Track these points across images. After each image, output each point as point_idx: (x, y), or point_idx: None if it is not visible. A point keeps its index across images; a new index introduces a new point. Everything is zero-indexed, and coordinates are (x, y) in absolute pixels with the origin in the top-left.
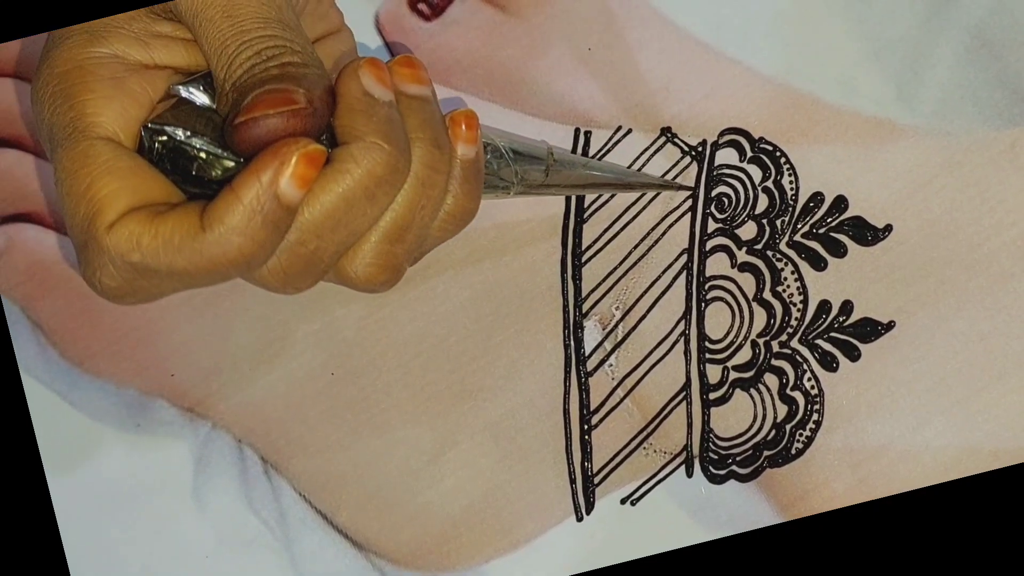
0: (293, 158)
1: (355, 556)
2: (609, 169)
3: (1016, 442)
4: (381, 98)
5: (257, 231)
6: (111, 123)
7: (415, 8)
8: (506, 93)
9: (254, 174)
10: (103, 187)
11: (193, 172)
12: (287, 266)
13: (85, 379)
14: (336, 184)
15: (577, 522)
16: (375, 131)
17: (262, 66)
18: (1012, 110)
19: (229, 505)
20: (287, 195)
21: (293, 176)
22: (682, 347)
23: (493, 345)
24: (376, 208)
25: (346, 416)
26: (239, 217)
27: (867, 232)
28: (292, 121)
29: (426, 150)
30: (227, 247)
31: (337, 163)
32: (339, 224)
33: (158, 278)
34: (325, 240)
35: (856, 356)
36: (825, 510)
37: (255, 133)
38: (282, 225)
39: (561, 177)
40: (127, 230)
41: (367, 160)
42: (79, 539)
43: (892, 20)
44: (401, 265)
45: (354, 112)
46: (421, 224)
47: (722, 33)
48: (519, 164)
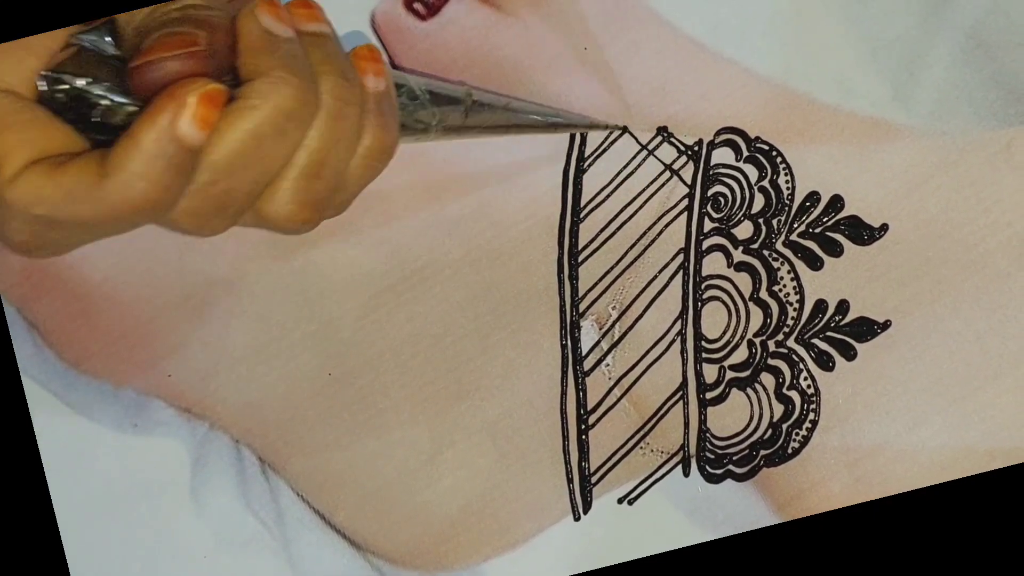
0: (191, 98)
1: (353, 556)
2: (532, 110)
3: (1012, 442)
4: (282, 35)
5: (160, 175)
6: (7, 75)
7: (411, 8)
8: (502, 92)
9: (152, 117)
10: (2, 142)
11: (97, 120)
12: (199, 207)
13: (82, 380)
14: (244, 120)
15: (574, 521)
16: (279, 65)
17: (163, 10)
18: (1007, 110)
19: (227, 505)
20: (188, 136)
21: (193, 117)
22: (679, 347)
23: (490, 345)
24: (288, 144)
25: (343, 416)
26: (139, 162)
27: (863, 231)
28: (189, 62)
29: (334, 82)
30: (130, 193)
31: (243, 100)
32: (250, 162)
33: (66, 229)
34: (237, 179)
35: (852, 355)
36: (821, 510)
37: (152, 76)
38: (186, 167)
39: (481, 118)
40: (28, 183)
41: (274, 94)
42: (77, 539)
43: (888, 21)
44: (321, 203)
45: (256, 50)
46: (338, 159)
47: (719, 33)
48: (436, 106)
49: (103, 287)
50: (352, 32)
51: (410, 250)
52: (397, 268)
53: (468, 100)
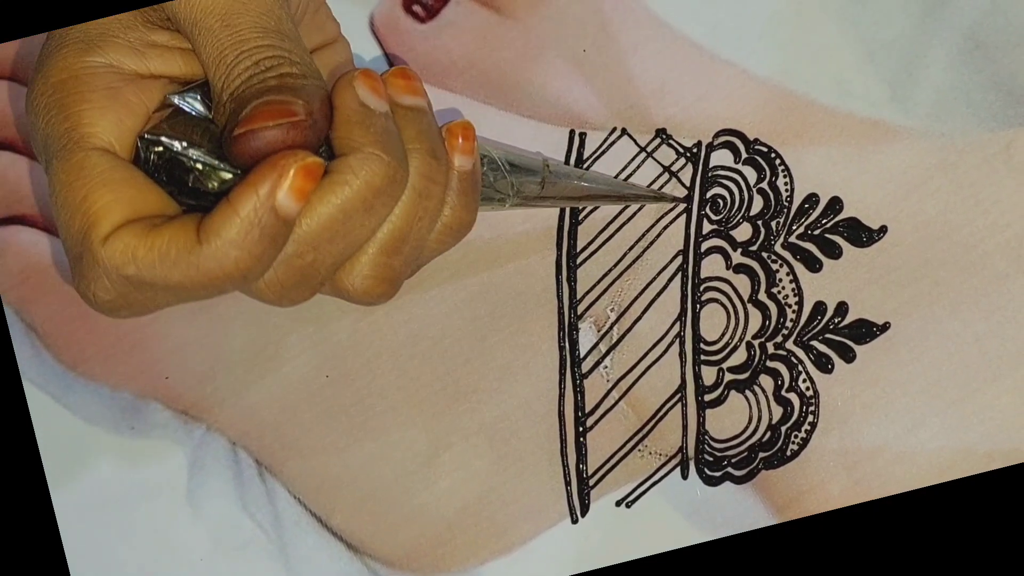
0: (291, 170)
1: (350, 559)
2: (603, 181)
3: (1011, 443)
4: (377, 109)
5: (254, 244)
6: (106, 134)
7: (410, 10)
8: (501, 95)
9: (251, 186)
10: (98, 199)
11: (189, 184)
12: (283, 279)
13: (80, 382)
14: (334, 196)
15: (572, 524)
16: (372, 142)
17: (260, 76)
18: (1006, 111)
19: (223, 508)
20: (285, 208)
21: (291, 189)
22: (677, 349)
23: (488, 347)
24: (374, 219)
25: (341, 419)
26: (236, 230)
27: (862, 233)
28: (291, 133)
29: (423, 161)
30: (224, 261)
31: (335, 174)
32: (336, 236)
33: (153, 291)
34: (322, 252)
35: (851, 357)
36: (820, 511)
37: (254, 145)
38: (279, 238)
39: (556, 189)
40: (122, 243)
41: (365, 171)
42: (76, 541)
43: (886, 22)
44: (398, 277)
45: (351, 123)
46: (418, 236)
47: (717, 35)
48: (515, 176)
49: None
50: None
51: None
52: None
53: (545, 171)
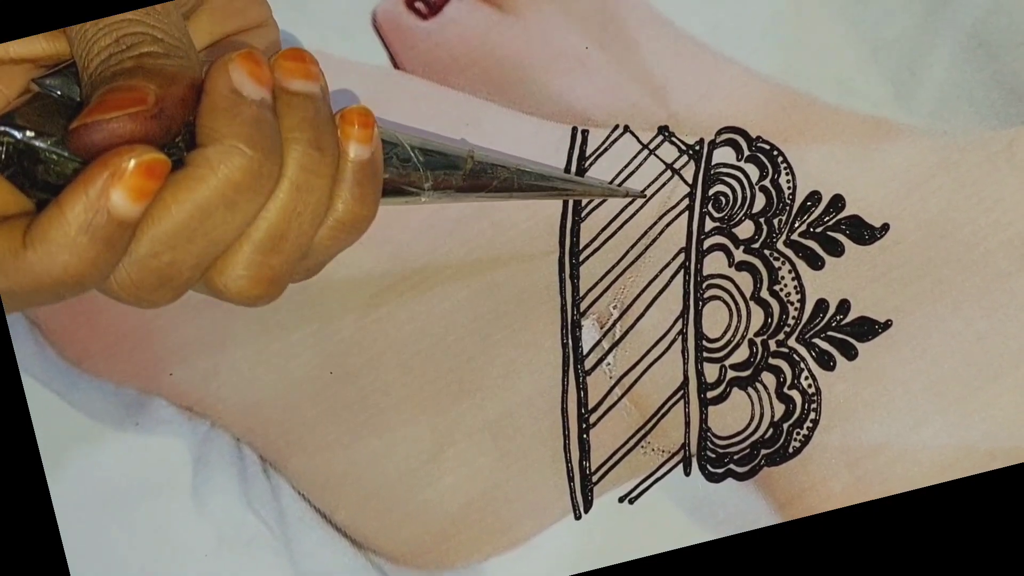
0: (128, 167)
1: (354, 555)
2: (546, 174)
3: (1012, 441)
4: (250, 95)
5: (84, 248)
6: None
7: (412, 7)
8: (503, 92)
9: (81, 186)
10: None
11: (39, 176)
12: (138, 280)
13: (84, 378)
14: (189, 192)
15: (575, 520)
16: (236, 133)
17: (118, 57)
18: (1008, 110)
19: (228, 504)
20: (120, 209)
21: (127, 188)
22: (680, 346)
23: (491, 344)
24: (239, 216)
25: (344, 415)
26: (64, 233)
27: (864, 231)
28: (129, 125)
29: (303, 152)
30: (50, 266)
31: (191, 168)
32: (195, 234)
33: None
34: (181, 252)
35: (853, 355)
36: (822, 509)
37: (91, 139)
38: (116, 241)
39: (483, 182)
40: None
41: (224, 166)
42: (78, 538)
43: (889, 20)
44: (279, 277)
45: (216, 111)
46: (299, 232)
47: (720, 33)
48: (431, 168)
49: None
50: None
51: (411, 249)
52: (398, 267)
53: (469, 161)
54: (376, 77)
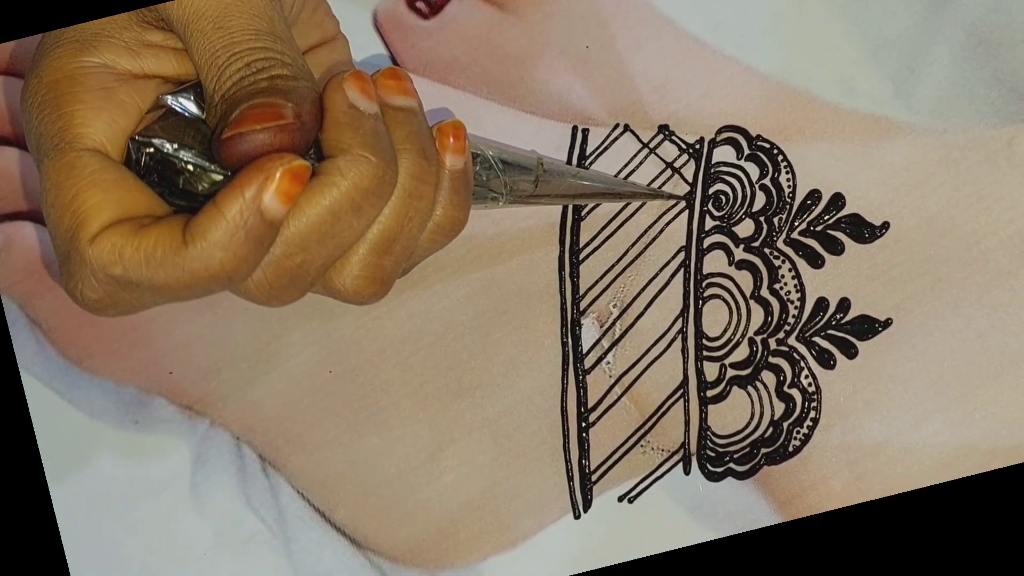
0: (277, 173)
1: (353, 553)
2: (598, 179)
3: (1013, 440)
4: (366, 110)
5: (240, 246)
6: (98, 134)
7: (413, 6)
8: (504, 91)
9: (238, 189)
10: (87, 199)
11: (180, 185)
12: (273, 279)
13: (84, 377)
14: (323, 197)
15: (575, 519)
16: (361, 143)
17: (251, 79)
18: (1009, 108)
19: (227, 503)
20: (271, 210)
21: (277, 191)
22: (679, 345)
23: (491, 343)
24: (363, 221)
25: (344, 414)
26: (222, 232)
27: (864, 230)
28: (279, 136)
29: (413, 161)
30: (209, 262)
31: (324, 176)
32: (325, 237)
33: (139, 291)
34: (311, 253)
35: (853, 353)
36: (822, 508)
37: (242, 148)
38: (265, 240)
39: (550, 187)
40: (110, 243)
41: (354, 172)
42: (78, 537)
43: (889, 18)
44: (389, 277)
45: (340, 125)
46: (409, 236)
47: (720, 31)
48: (508, 175)
49: None
50: (353, 29)
51: None
52: None
53: (539, 169)
54: None
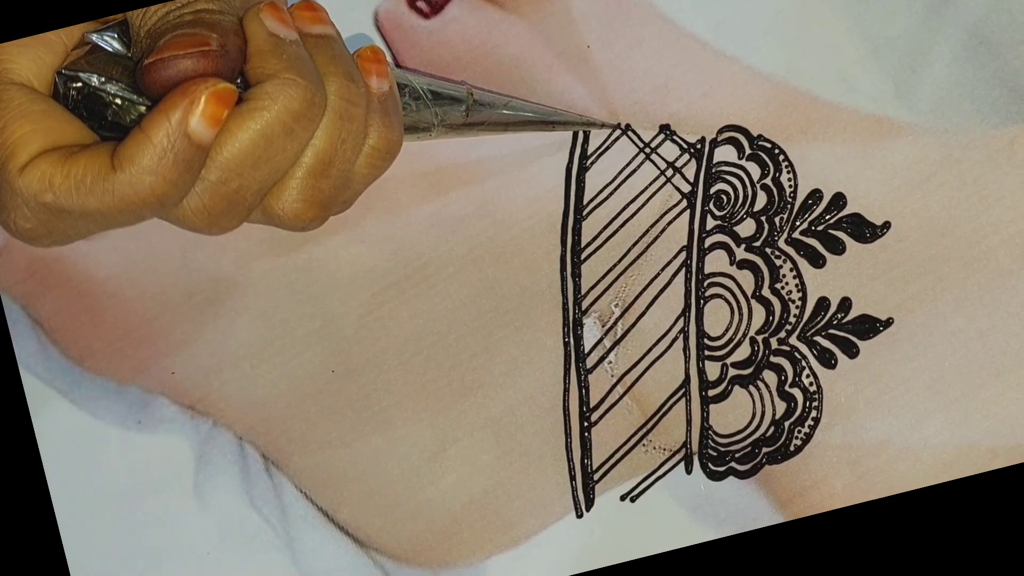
0: (203, 97)
1: (356, 553)
2: (530, 108)
3: (1014, 439)
4: (286, 37)
5: (168, 170)
6: (24, 70)
7: (414, 6)
8: (505, 91)
9: (163, 113)
10: (16, 130)
11: (108, 118)
12: (210, 205)
13: (86, 377)
14: (253, 121)
15: (577, 519)
16: (287, 68)
17: (176, 13)
18: (1010, 108)
19: (230, 502)
20: (198, 133)
21: (203, 115)
22: (681, 344)
23: (493, 342)
24: (296, 143)
25: (347, 413)
26: (149, 156)
27: (865, 229)
28: (202, 62)
29: (341, 83)
30: (138, 186)
31: (253, 100)
32: (259, 161)
33: (72, 218)
34: (246, 178)
35: (855, 353)
36: (824, 507)
37: (165, 74)
38: (194, 164)
39: (482, 116)
40: (39, 171)
41: (283, 96)
42: (79, 537)
43: (890, 18)
44: (328, 200)
45: (263, 53)
46: (344, 158)
47: (721, 31)
48: (438, 105)
49: (107, 284)
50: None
51: (413, 247)
52: (400, 265)
53: (469, 99)
54: None
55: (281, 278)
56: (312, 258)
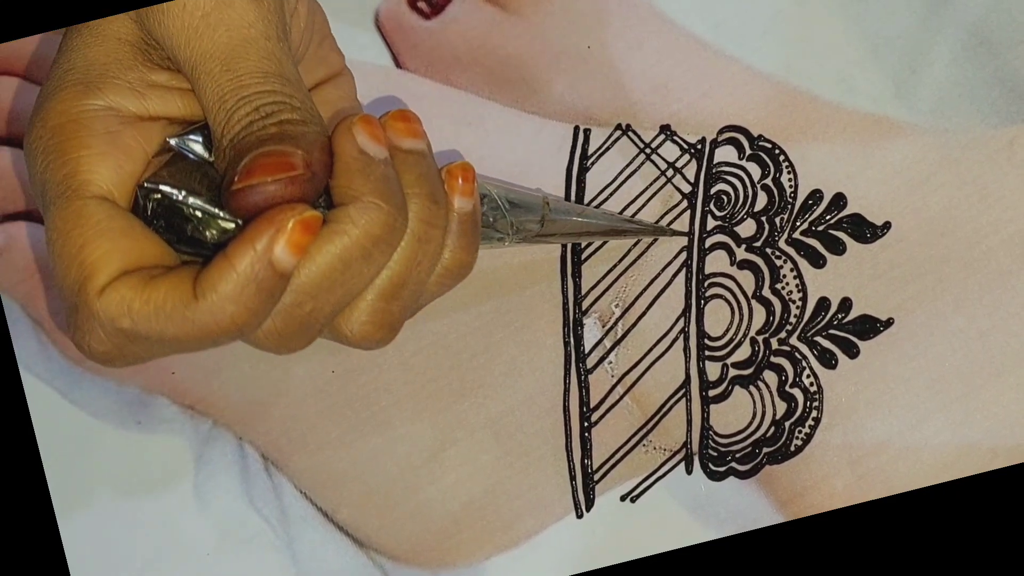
0: (289, 225)
1: (356, 553)
2: (603, 217)
3: (1015, 439)
4: (376, 156)
5: (251, 299)
6: (105, 181)
7: (415, 6)
8: (505, 91)
9: (249, 241)
10: (95, 249)
11: (188, 233)
12: (282, 328)
13: (86, 377)
14: (333, 246)
15: (577, 519)
16: (372, 191)
17: (260, 123)
18: (1010, 108)
19: (230, 503)
20: (282, 262)
21: (288, 243)
22: (681, 344)
23: (493, 343)
24: (373, 267)
25: (346, 413)
26: (232, 285)
27: (866, 229)
28: (290, 188)
29: (423, 206)
30: (220, 315)
31: (335, 224)
32: (335, 285)
33: (148, 343)
34: (321, 301)
35: (855, 353)
36: (824, 507)
37: (252, 200)
38: (276, 292)
39: (556, 226)
40: (118, 295)
41: (365, 220)
42: (79, 537)
43: (890, 18)
44: (397, 322)
45: (350, 172)
46: (418, 280)
47: (721, 31)
48: (514, 215)
49: None
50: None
51: None
52: None
53: (545, 208)
54: (379, 77)
55: None
56: None
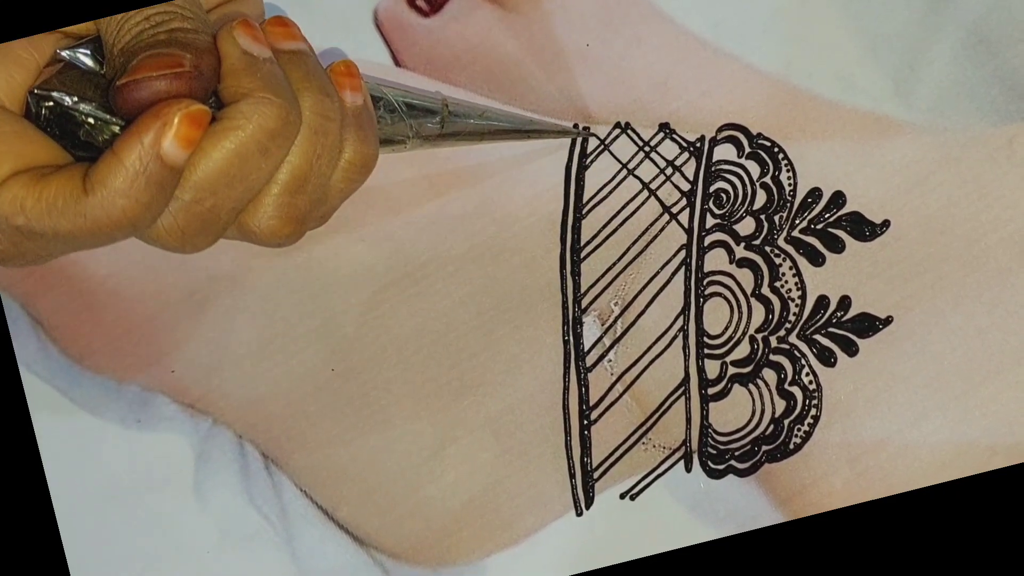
0: (175, 118)
1: (356, 551)
2: (505, 117)
3: (1013, 438)
4: (260, 55)
5: (141, 192)
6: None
7: (413, 4)
8: (504, 89)
9: (135, 135)
10: None
11: (81, 137)
12: (184, 225)
13: (86, 375)
14: (227, 140)
15: (577, 517)
16: (262, 86)
17: (150, 31)
18: (1009, 106)
19: (230, 501)
20: (170, 155)
21: (176, 136)
22: (681, 342)
23: (493, 341)
24: (271, 162)
25: (346, 412)
26: (121, 179)
27: (865, 228)
28: (176, 83)
29: (315, 99)
30: (110, 209)
31: (228, 120)
32: (234, 180)
33: (43, 240)
34: (221, 197)
35: (854, 351)
36: (824, 505)
37: (138, 95)
38: (167, 186)
39: (457, 128)
40: (11, 193)
41: (257, 114)
42: (79, 536)
43: (890, 16)
44: (304, 216)
45: (237, 72)
46: (319, 174)
47: (720, 29)
48: (413, 117)
49: (107, 283)
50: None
51: (413, 246)
52: (400, 264)
53: (444, 110)
54: (377, 75)
55: (281, 276)
56: (312, 257)
